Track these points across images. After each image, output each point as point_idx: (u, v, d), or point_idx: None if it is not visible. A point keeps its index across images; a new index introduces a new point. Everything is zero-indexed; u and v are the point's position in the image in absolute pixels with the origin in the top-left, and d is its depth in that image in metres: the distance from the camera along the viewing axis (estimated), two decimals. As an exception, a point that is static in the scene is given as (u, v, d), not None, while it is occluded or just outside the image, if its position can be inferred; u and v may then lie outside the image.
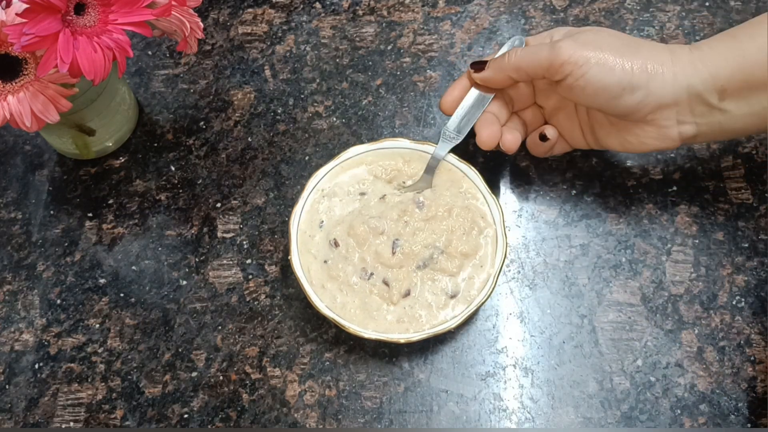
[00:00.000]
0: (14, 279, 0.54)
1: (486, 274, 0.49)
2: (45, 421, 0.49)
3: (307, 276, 0.49)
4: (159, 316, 0.52)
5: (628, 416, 0.48)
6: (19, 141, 0.59)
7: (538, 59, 0.47)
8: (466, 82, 0.52)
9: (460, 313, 0.47)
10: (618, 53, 0.46)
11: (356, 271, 0.49)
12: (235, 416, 0.49)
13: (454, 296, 0.48)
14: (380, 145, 0.53)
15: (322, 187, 0.52)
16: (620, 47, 0.46)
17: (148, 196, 0.57)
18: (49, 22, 0.41)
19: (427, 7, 0.64)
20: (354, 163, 0.52)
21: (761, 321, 0.50)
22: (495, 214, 0.50)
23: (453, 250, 0.49)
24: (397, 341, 0.47)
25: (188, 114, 0.60)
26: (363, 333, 0.47)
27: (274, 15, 0.64)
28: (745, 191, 0.54)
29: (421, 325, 0.48)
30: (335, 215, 0.51)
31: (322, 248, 0.50)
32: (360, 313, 0.48)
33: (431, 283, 0.49)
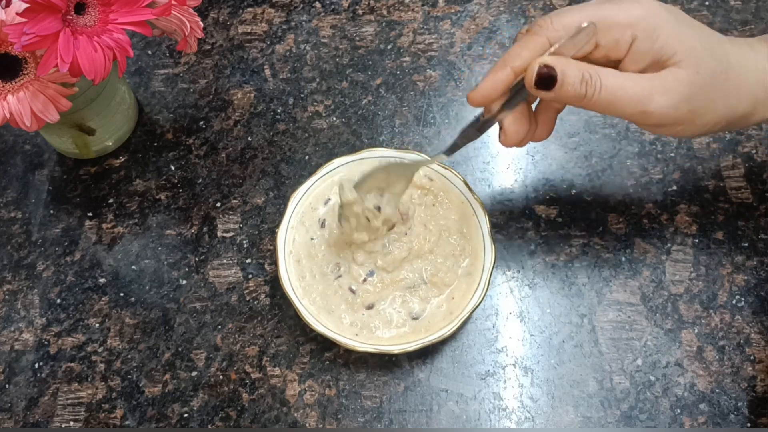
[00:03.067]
0: (14, 278, 0.54)
1: (456, 306, 0.48)
2: (45, 420, 0.49)
3: (290, 245, 0.50)
4: (159, 316, 0.52)
5: (627, 415, 0.48)
6: (19, 140, 0.59)
7: (633, 103, 0.40)
8: (503, 77, 0.41)
9: (413, 341, 0.47)
10: (720, 95, 0.40)
11: (330, 262, 0.50)
12: (235, 415, 0.49)
13: (416, 319, 0.48)
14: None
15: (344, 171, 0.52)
16: (717, 82, 0.40)
17: (148, 196, 0.57)
18: (50, 21, 0.41)
19: (426, 7, 0.64)
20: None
21: (761, 320, 0.50)
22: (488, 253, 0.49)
23: (438, 280, 0.49)
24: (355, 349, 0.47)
25: (188, 113, 0.60)
26: (316, 326, 0.47)
27: (274, 14, 0.64)
28: (744, 191, 0.54)
29: (372, 337, 0.48)
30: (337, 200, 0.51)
31: (314, 224, 0.51)
32: (320, 300, 0.49)
33: (400, 302, 0.49)
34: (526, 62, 0.40)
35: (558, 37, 0.40)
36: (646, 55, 0.40)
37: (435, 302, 0.48)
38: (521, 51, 0.40)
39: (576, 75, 0.39)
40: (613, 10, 0.39)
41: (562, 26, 0.39)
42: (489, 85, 0.41)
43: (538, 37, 0.40)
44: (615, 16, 0.39)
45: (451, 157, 0.46)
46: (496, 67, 0.41)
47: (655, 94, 0.39)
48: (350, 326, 0.48)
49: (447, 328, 0.47)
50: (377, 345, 0.47)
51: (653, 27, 0.39)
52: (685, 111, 0.40)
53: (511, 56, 0.40)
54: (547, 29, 0.40)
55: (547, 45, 0.40)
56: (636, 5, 0.40)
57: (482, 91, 0.41)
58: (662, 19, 0.39)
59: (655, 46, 0.39)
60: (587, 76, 0.39)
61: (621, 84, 0.39)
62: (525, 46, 0.40)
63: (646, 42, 0.39)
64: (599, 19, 0.39)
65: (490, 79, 0.41)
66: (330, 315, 0.48)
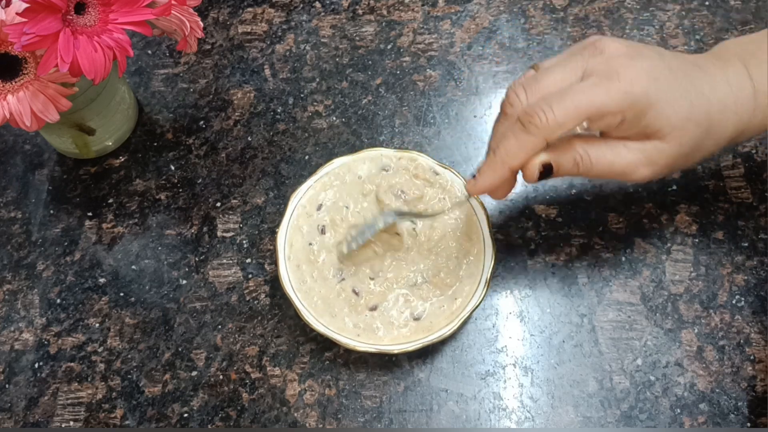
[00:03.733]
0: (14, 278, 0.54)
1: (458, 307, 0.48)
2: (45, 420, 0.49)
3: (288, 250, 0.49)
4: (159, 316, 0.52)
5: (627, 415, 0.48)
6: (19, 140, 0.59)
7: (618, 174, 0.42)
8: (502, 175, 0.43)
9: (414, 341, 0.47)
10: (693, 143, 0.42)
11: (332, 266, 0.50)
12: (235, 415, 0.49)
13: (418, 319, 0.48)
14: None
15: (338, 172, 0.52)
16: (698, 131, 0.42)
17: (147, 196, 0.57)
18: (50, 21, 0.41)
19: (426, 7, 0.64)
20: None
21: (761, 320, 0.50)
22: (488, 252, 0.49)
23: (439, 281, 0.49)
24: (356, 348, 0.47)
25: (188, 113, 0.60)
26: (316, 326, 0.47)
27: (274, 14, 0.64)
28: (744, 190, 0.54)
29: (372, 337, 0.47)
30: (333, 203, 0.51)
31: (312, 230, 0.50)
32: (321, 303, 0.48)
33: (403, 302, 0.49)
34: (523, 162, 0.42)
35: (554, 136, 0.41)
36: (632, 129, 0.42)
37: (437, 302, 0.48)
38: (518, 152, 0.41)
39: (569, 161, 0.42)
40: (602, 98, 0.40)
41: (557, 125, 0.40)
42: (487, 184, 0.43)
43: (534, 139, 0.41)
44: (604, 105, 0.40)
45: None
46: (493, 166, 0.42)
47: (640, 167, 0.42)
48: (353, 327, 0.48)
49: (447, 328, 0.47)
50: (377, 345, 0.47)
51: (641, 109, 0.40)
52: (665, 172, 0.43)
53: (509, 156, 0.42)
54: (544, 129, 0.40)
55: (544, 144, 0.41)
56: (624, 86, 0.40)
57: (481, 188, 0.43)
58: (649, 99, 0.40)
59: (641, 124, 0.41)
60: (578, 158, 0.42)
61: (609, 162, 0.42)
62: (522, 146, 0.41)
63: (634, 122, 0.41)
64: (591, 112, 0.40)
65: (488, 177, 0.43)
66: (333, 318, 0.48)
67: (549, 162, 0.41)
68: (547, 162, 0.41)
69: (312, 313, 0.48)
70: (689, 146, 0.42)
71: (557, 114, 0.40)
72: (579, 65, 0.42)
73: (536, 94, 0.42)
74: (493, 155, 0.42)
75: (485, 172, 0.43)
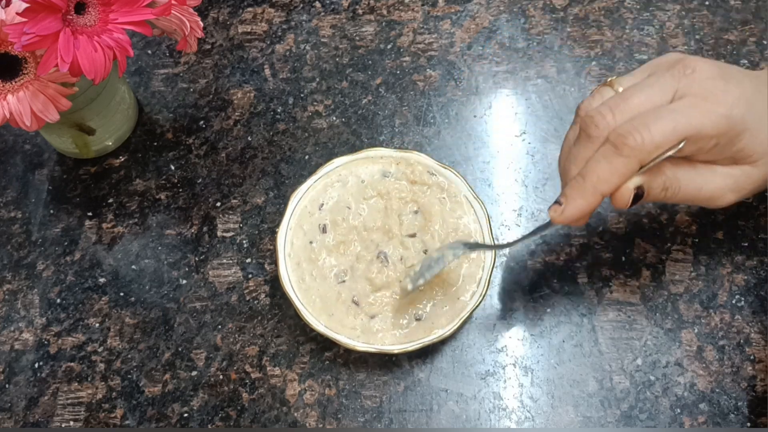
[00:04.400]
0: (14, 278, 0.54)
1: (459, 307, 0.48)
2: (45, 420, 0.49)
3: (289, 248, 0.49)
4: (159, 316, 0.52)
5: (627, 415, 0.48)
6: (19, 140, 0.59)
7: (705, 200, 0.42)
8: (593, 202, 0.40)
9: (413, 341, 0.47)
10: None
11: (334, 267, 0.49)
12: (235, 415, 0.49)
13: (419, 320, 0.48)
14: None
15: (340, 172, 0.52)
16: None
17: (147, 196, 0.57)
18: (50, 21, 0.41)
19: (426, 6, 0.64)
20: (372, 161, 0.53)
21: (761, 320, 0.50)
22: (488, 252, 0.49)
23: (441, 280, 0.49)
24: (356, 348, 0.47)
25: (188, 113, 0.60)
26: (316, 326, 0.47)
27: (274, 14, 0.64)
28: (744, 190, 0.54)
29: (374, 338, 0.47)
30: (335, 202, 0.51)
31: (313, 228, 0.50)
32: (320, 302, 0.48)
33: (405, 304, 0.48)
34: (616, 187, 0.40)
35: (649, 159, 0.39)
36: (723, 154, 0.41)
37: (439, 302, 0.48)
38: (612, 177, 0.39)
39: (659, 186, 0.40)
40: (701, 120, 0.38)
41: (654, 147, 0.38)
42: (578, 212, 0.40)
43: (629, 161, 0.38)
44: (704, 127, 0.38)
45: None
46: (583, 193, 0.40)
47: (727, 192, 0.42)
48: (353, 328, 0.48)
49: (447, 327, 0.47)
50: (377, 345, 0.47)
51: (738, 134, 0.39)
52: (748, 195, 0.43)
53: (601, 182, 0.39)
54: (639, 152, 0.38)
55: (638, 167, 0.39)
56: (722, 110, 0.39)
57: (571, 216, 0.40)
58: (746, 125, 0.39)
59: (733, 149, 0.40)
60: (668, 183, 0.41)
61: (698, 187, 0.41)
62: (615, 171, 0.39)
63: (727, 147, 0.40)
64: (689, 134, 0.38)
65: (578, 205, 0.40)
66: (332, 317, 0.48)
67: (642, 186, 0.40)
68: (641, 186, 0.40)
69: (312, 313, 0.48)
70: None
71: (654, 135, 0.38)
72: (669, 85, 0.40)
73: (625, 115, 0.40)
74: (582, 180, 0.40)
75: (574, 199, 0.40)
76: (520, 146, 0.57)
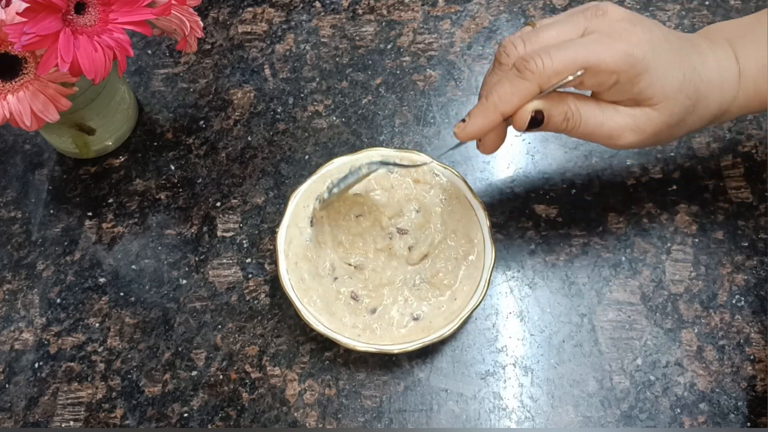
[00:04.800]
0: (14, 278, 0.54)
1: (457, 307, 0.48)
2: (45, 420, 0.49)
3: (287, 248, 0.49)
4: (159, 315, 0.52)
5: (627, 415, 0.48)
6: (19, 140, 0.59)
7: (605, 137, 0.43)
8: (493, 120, 0.42)
9: (413, 341, 0.47)
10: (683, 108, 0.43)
11: (327, 264, 0.49)
12: (235, 415, 0.49)
13: (417, 320, 0.48)
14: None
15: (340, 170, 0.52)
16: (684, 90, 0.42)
17: (147, 195, 0.57)
18: (50, 21, 0.41)
19: (426, 6, 0.64)
20: None
21: (761, 320, 0.50)
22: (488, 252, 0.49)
23: (438, 281, 0.49)
24: (356, 348, 0.47)
25: (188, 113, 0.60)
26: (316, 326, 0.47)
27: (274, 14, 0.64)
28: (744, 190, 0.54)
29: (374, 338, 0.47)
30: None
31: (306, 225, 0.51)
32: (320, 302, 0.48)
33: (402, 303, 0.49)
34: (516, 108, 0.41)
35: (549, 84, 0.41)
36: (624, 94, 0.42)
37: (436, 303, 0.48)
38: (512, 97, 0.41)
39: (560, 114, 0.42)
40: (601, 53, 0.40)
41: (554, 73, 0.40)
42: (478, 128, 0.42)
43: (529, 84, 0.41)
44: (603, 61, 0.40)
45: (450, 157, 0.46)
46: (485, 111, 0.42)
47: (627, 131, 0.43)
48: (353, 327, 0.48)
49: (447, 327, 0.47)
50: (377, 345, 0.47)
51: (637, 73, 0.41)
52: (650, 142, 0.44)
53: (501, 101, 0.41)
54: (539, 75, 0.40)
55: (538, 91, 0.41)
56: (624, 46, 0.40)
57: (471, 133, 0.43)
58: (647, 65, 0.41)
59: (634, 89, 0.41)
60: (569, 113, 0.42)
61: (599, 122, 0.42)
62: (516, 92, 0.41)
63: (627, 85, 0.41)
64: (589, 64, 0.40)
65: (479, 121, 0.42)
66: (332, 317, 0.48)
67: (541, 110, 0.41)
68: (539, 109, 0.41)
69: (312, 313, 0.48)
70: (677, 118, 0.43)
71: (555, 61, 0.40)
72: (580, 24, 0.42)
73: (534, 46, 0.42)
74: (485, 100, 0.42)
75: (476, 116, 0.42)
76: (520, 146, 0.57)
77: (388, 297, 0.48)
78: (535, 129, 0.42)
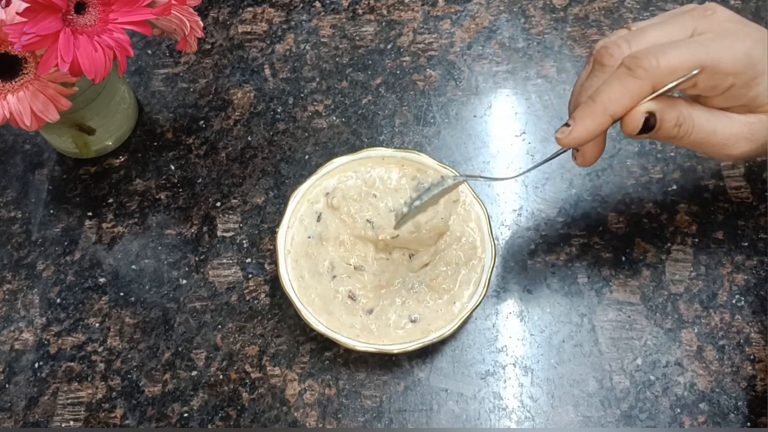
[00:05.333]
0: (14, 278, 0.54)
1: (456, 310, 0.48)
2: (45, 420, 0.49)
3: (289, 245, 0.49)
4: (159, 315, 0.52)
5: (627, 415, 0.48)
6: (19, 140, 0.59)
7: (718, 147, 0.40)
8: (602, 123, 0.39)
9: (413, 341, 0.47)
10: None
11: (327, 261, 0.49)
12: (235, 415, 0.49)
13: (415, 322, 0.48)
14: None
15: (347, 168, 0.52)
16: None
17: (147, 195, 0.57)
18: (50, 21, 0.41)
19: (426, 6, 0.64)
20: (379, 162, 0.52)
21: (761, 320, 0.50)
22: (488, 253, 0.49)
23: (437, 285, 0.49)
24: (356, 348, 0.47)
25: (188, 113, 0.60)
26: (316, 326, 0.47)
27: (274, 14, 0.64)
28: (744, 190, 0.54)
29: (374, 338, 0.47)
30: (342, 196, 0.51)
31: (312, 221, 0.50)
32: (319, 301, 0.48)
33: (400, 305, 0.49)
34: (627, 109, 0.39)
35: (663, 83, 0.38)
36: (738, 100, 0.40)
37: (434, 306, 0.48)
38: (623, 98, 0.38)
39: (672, 119, 0.39)
40: (720, 53, 0.38)
41: (669, 71, 0.37)
42: (586, 133, 0.39)
43: (642, 83, 0.38)
44: (720, 61, 0.37)
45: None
46: (593, 113, 0.39)
47: (742, 140, 0.40)
48: (350, 327, 0.48)
49: (447, 327, 0.47)
50: (377, 344, 0.47)
51: (755, 76, 0.38)
52: (761, 152, 0.41)
53: (612, 102, 0.38)
54: (654, 73, 0.37)
55: (651, 91, 0.38)
56: (742, 47, 0.38)
57: (578, 138, 0.39)
58: (765, 67, 0.38)
59: (750, 94, 0.39)
60: (682, 119, 0.39)
61: (712, 129, 0.40)
62: (627, 92, 0.38)
63: (743, 89, 0.39)
64: (707, 63, 0.38)
65: (587, 125, 0.39)
66: (330, 316, 0.48)
67: (654, 112, 0.38)
68: (653, 111, 0.38)
69: (312, 313, 0.48)
70: None
71: (670, 59, 0.37)
72: (688, 24, 0.40)
73: (641, 46, 0.39)
74: (592, 102, 0.38)
75: (583, 119, 0.39)
76: (520, 146, 0.57)
77: (386, 298, 0.48)
78: (645, 135, 0.39)
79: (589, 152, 0.42)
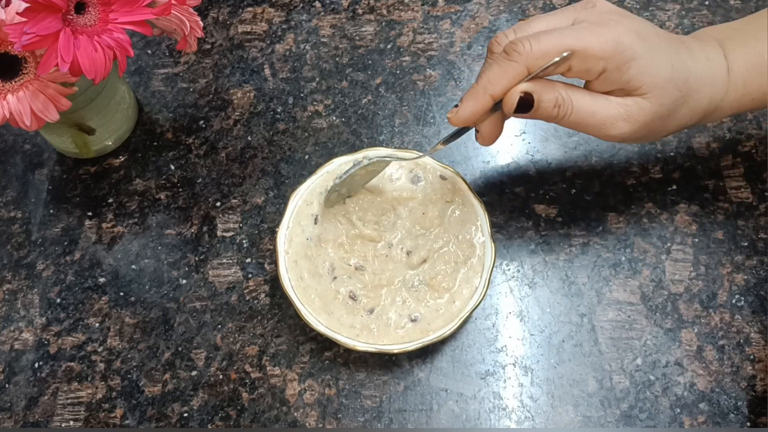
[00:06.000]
0: (14, 278, 0.54)
1: (456, 309, 0.48)
2: (45, 420, 0.49)
3: (288, 246, 0.50)
4: (159, 315, 0.52)
5: (627, 415, 0.48)
6: (19, 140, 0.59)
7: (597, 126, 0.44)
8: (483, 103, 0.43)
9: (413, 341, 0.47)
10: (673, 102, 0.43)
11: (327, 263, 0.49)
12: (234, 415, 0.49)
13: (415, 321, 0.48)
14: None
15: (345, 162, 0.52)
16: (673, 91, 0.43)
17: (147, 195, 0.57)
18: (50, 21, 0.41)
19: (426, 6, 0.64)
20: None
21: (761, 320, 0.50)
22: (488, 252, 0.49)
23: (436, 284, 0.49)
24: (355, 348, 0.47)
25: (188, 113, 0.60)
26: (316, 326, 0.47)
27: (274, 14, 0.64)
28: (744, 190, 0.54)
29: (374, 338, 0.47)
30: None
31: (309, 223, 0.50)
32: (319, 301, 0.48)
33: (400, 304, 0.48)
34: (504, 89, 0.42)
35: (536, 65, 0.41)
36: (614, 84, 0.42)
37: (434, 305, 0.48)
38: (500, 79, 0.42)
39: (551, 100, 0.42)
40: (589, 39, 0.41)
41: (541, 54, 0.41)
42: (469, 112, 0.43)
43: (517, 65, 0.41)
44: (590, 46, 0.41)
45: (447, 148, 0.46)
46: (475, 94, 0.43)
47: (619, 121, 0.43)
48: (350, 327, 0.48)
49: (447, 327, 0.47)
50: (377, 344, 0.47)
51: (625, 61, 0.41)
52: (642, 133, 0.44)
53: (490, 83, 0.42)
54: (527, 57, 0.41)
55: (526, 73, 0.41)
56: (611, 34, 0.41)
57: (463, 117, 0.43)
58: (635, 53, 0.41)
59: (623, 77, 0.42)
60: (560, 100, 0.42)
61: (591, 110, 0.43)
62: (504, 73, 0.42)
63: (615, 73, 0.42)
64: (576, 48, 0.41)
65: (470, 105, 0.43)
66: (330, 316, 0.48)
67: (530, 92, 0.42)
68: (528, 92, 0.42)
69: (311, 313, 0.48)
70: (668, 108, 0.43)
71: (542, 43, 0.41)
72: (570, 14, 0.44)
73: (524, 34, 0.43)
74: (475, 85, 0.43)
75: (466, 100, 0.43)
76: (520, 146, 0.57)
77: (386, 297, 0.48)
78: (525, 114, 0.43)
79: (486, 132, 0.45)
